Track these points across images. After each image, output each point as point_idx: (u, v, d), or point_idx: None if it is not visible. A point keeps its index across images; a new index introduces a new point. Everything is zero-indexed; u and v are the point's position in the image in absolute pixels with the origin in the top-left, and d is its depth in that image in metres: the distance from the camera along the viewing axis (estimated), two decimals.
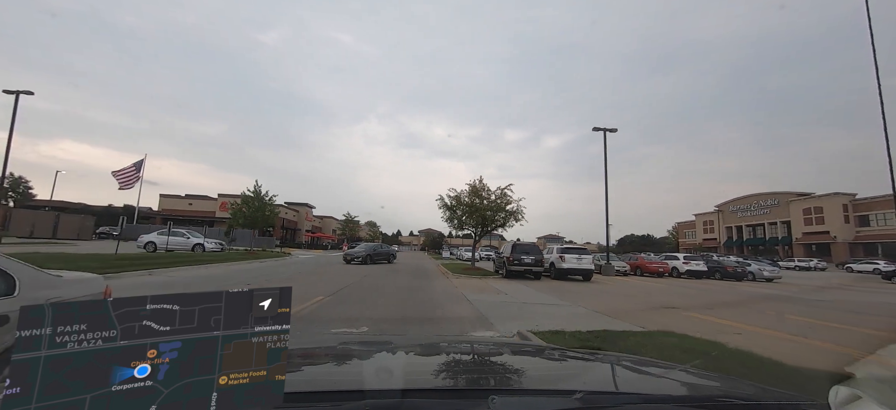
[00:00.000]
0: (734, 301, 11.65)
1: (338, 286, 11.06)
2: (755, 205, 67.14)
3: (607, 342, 4.94)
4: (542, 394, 1.17)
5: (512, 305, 8.96)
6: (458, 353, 1.82)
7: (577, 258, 17.03)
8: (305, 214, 68.92)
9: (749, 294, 14.03)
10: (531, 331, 5.65)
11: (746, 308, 9.98)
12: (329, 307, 7.62)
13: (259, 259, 21.01)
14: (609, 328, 6.17)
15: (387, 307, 8.18)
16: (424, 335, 5.50)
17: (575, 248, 17.84)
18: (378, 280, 13.31)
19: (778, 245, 62.24)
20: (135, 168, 43.43)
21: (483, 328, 6.45)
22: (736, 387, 1.38)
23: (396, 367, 1.47)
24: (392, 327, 6.32)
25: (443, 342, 2.07)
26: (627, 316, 7.62)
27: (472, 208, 18.66)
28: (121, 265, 11.73)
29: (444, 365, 1.55)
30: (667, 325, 6.68)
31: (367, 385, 1.15)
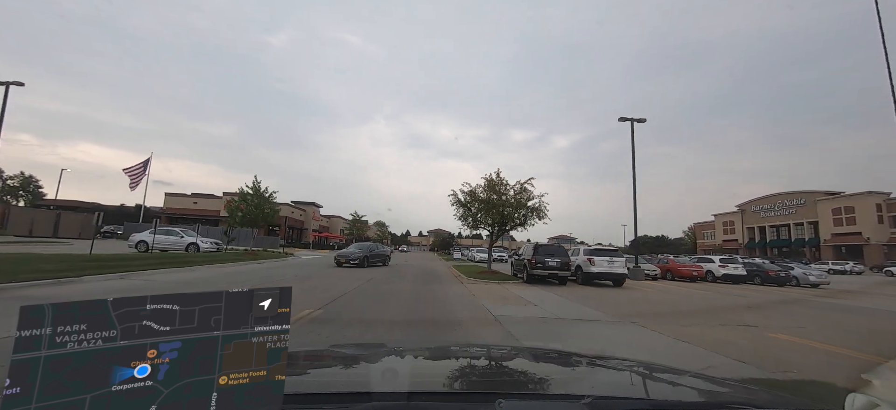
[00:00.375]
0: (810, 316, 9.63)
1: (333, 294, 9.33)
2: (779, 205, 64.20)
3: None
4: (550, 398, 1.18)
5: (550, 323, 7.12)
6: (464, 356, 1.82)
7: (607, 260, 15.06)
8: (312, 213, 67.63)
9: (822, 306, 11.93)
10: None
11: (840, 328, 7.96)
12: (318, 327, 5.85)
13: (257, 260, 19.43)
14: (710, 366, 4.28)
15: (392, 326, 6.41)
16: (432, 340, 4.99)
17: (605, 249, 15.85)
18: (380, 287, 11.53)
19: (805, 247, 59.26)
20: (142, 167, 42.73)
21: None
22: (750, 395, 1.32)
23: (402, 370, 1.46)
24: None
25: (449, 346, 2.21)
26: (714, 344, 5.70)
27: (488, 204, 16.74)
28: (87, 268, 10.14)
29: (450, 368, 1.56)
30: (784, 359, 4.78)
31: (373, 386, 1.17)
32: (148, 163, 40.19)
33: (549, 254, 14.81)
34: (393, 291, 10.72)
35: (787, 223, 63.14)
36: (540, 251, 14.89)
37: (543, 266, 14.53)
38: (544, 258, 14.62)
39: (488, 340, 5.62)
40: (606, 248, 15.94)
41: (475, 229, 18.05)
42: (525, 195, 16.59)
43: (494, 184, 17.05)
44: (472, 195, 17.63)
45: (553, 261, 14.58)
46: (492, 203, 16.58)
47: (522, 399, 1.10)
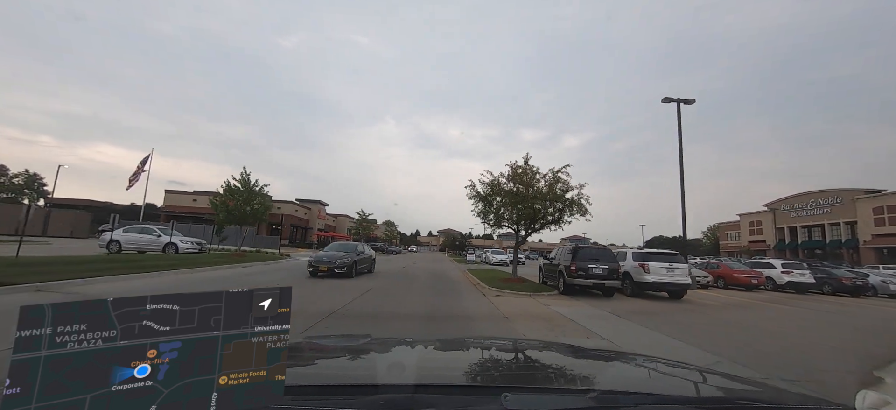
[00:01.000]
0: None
1: (319, 312, 6.57)
2: (812, 204, 60.16)
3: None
4: (556, 392, 1.16)
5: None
6: (471, 350, 1.79)
7: (666, 267, 12.05)
8: (317, 212, 65.21)
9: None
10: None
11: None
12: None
13: (244, 263, 16.73)
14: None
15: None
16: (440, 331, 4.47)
17: (662, 253, 12.80)
18: (380, 303, 8.74)
19: (841, 249, 55.19)
20: (141, 164, 40.68)
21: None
22: (758, 390, 1.30)
23: (409, 363, 1.46)
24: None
25: (456, 339, 2.08)
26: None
27: (515, 197, 13.85)
28: (21, 275, 7.66)
29: (457, 362, 1.56)
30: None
31: (380, 379, 1.18)
32: (147, 160, 38.41)
33: (592, 259, 11.87)
34: (397, 311, 7.90)
35: (821, 223, 59.18)
36: (581, 255, 11.95)
37: (586, 274, 11.59)
38: (587, 264, 11.68)
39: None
40: (664, 252, 12.93)
41: (498, 228, 15.01)
42: (560, 186, 13.58)
43: (522, 173, 14.07)
44: (493, 187, 14.62)
45: (598, 268, 11.64)
46: (520, 196, 13.62)
47: (528, 393, 1.08)
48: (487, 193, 14.52)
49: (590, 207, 13.44)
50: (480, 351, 1.73)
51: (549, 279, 14.39)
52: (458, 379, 1.23)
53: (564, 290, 12.12)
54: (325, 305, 7.74)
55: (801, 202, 62.13)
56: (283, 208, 54.10)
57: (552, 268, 13.90)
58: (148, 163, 39.08)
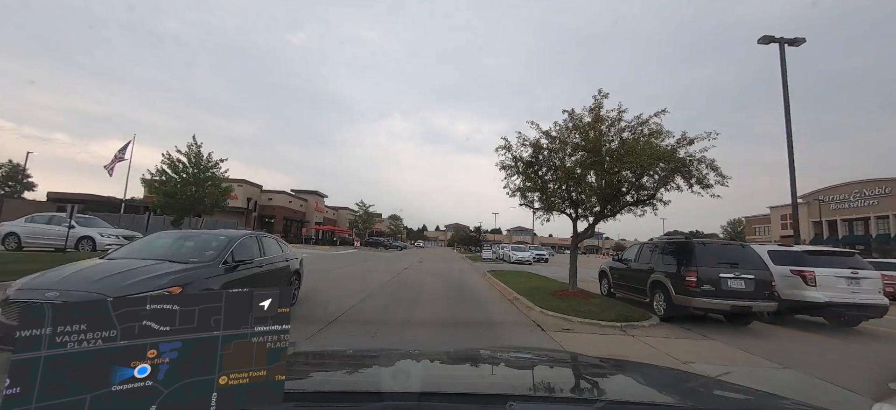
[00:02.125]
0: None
1: None
2: (856, 194, 54.86)
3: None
4: (562, 402, 1.13)
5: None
6: (477, 359, 1.75)
7: (847, 277, 7.16)
8: (314, 203, 60.49)
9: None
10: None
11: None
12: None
13: None
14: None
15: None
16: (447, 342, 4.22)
17: (835, 253, 7.84)
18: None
19: (891, 243, 49.84)
20: (121, 151, 36.14)
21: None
22: (770, 402, 1.21)
23: (414, 371, 1.42)
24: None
25: (462, 349, 2.01)
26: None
27: (586, 160, 8.31)
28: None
29: (462, 371, 1.53)
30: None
31: (385, 387, 1.16)
32: (128, 147, 34.30)
33: (725, 262, 7.00)
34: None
35: (867, 216, 53.86)
36: (705, 257, 7.06)
37: (717, 290, 6.74)
38: (718, 273, 6.82)
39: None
40: (838, 250, 8.02)
41: (548, 212, 9.88)
42: (661, 141, 7.99)
43: (585, 126, 8.56)
44: (538, 148, 9.05)
45: (738, 280, 6.78)
46: (596, 157, 8.17)
47: (534, 402, 1.07)
48: (533, 159, 9.26)
49: (721, 172, 7.83)
50: (486, 361, 1.70)
51: (621, 291, 9.57)
52: (463, 388, 1.22)
53: (665, 316, 7.29)
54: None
55: (841, 193, 56.87)
56: (275, 200, 49.51)
57: (630, 276, 9.06)
58: (129, 149, 35.00)
